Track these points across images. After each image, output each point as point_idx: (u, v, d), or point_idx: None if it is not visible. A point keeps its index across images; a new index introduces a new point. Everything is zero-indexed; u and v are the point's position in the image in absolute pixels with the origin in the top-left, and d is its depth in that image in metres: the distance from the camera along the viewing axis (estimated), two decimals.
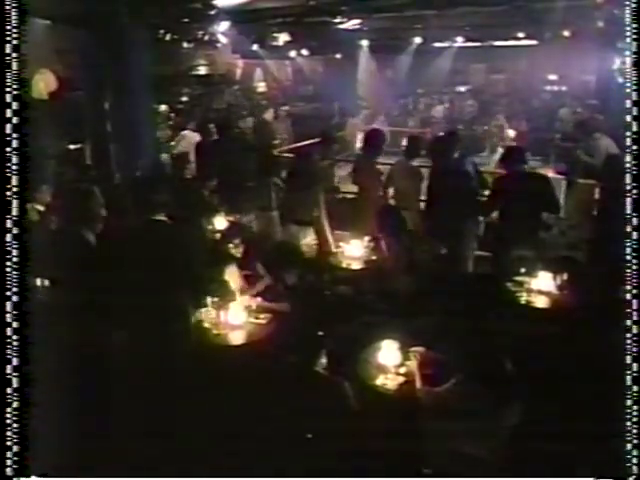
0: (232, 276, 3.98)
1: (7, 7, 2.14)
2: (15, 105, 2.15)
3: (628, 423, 2.17)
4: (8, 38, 2.14)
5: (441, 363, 2.99)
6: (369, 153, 5.65)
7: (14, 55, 2.15)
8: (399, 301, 4.07)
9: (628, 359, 2.20)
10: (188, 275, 3.38)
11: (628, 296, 2.23)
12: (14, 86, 2.16)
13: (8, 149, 2.14)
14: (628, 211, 2.24)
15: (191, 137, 7.65)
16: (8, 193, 2.13)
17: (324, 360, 2.98)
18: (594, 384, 2.72)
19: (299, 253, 4.59)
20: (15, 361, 2.12)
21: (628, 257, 2.24)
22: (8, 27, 2.14)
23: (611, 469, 2.20)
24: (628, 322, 2.22)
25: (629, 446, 2.15)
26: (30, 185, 2.19)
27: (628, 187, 2.24)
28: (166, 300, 3.24)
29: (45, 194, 4.61)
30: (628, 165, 2.24)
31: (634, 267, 2.23)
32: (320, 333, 2.82)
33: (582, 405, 2.68)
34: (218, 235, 4.85)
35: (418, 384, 2.89)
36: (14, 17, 2.14)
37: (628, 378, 2.19)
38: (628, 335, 2.21)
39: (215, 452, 2.85)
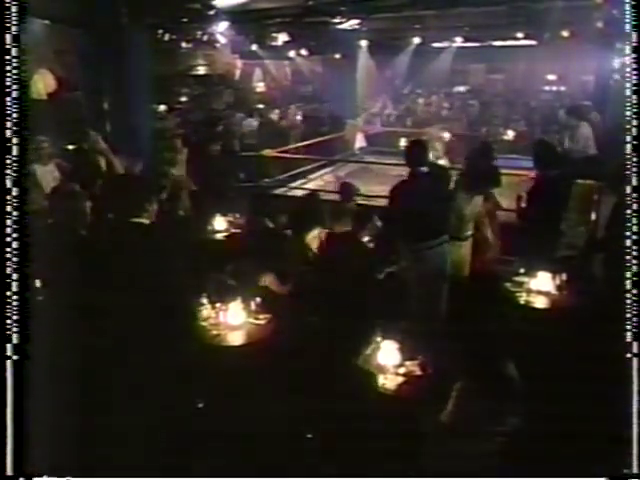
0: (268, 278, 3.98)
1: (7, 7, 2.15)
2: (15, 105, 2.15)
3: (629, 423, 2.17)
4: (8, 38, 2.14)
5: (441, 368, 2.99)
6: None
7: (14, 55, 2.15)
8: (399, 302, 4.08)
9: (628, 358, 2.21)
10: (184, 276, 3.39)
11: (628, 296, 2.23)
12: (13, 86, 2.16)
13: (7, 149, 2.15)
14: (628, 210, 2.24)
15: None
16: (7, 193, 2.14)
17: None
18: (594, 385, 2.72)
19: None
20: (15, 357, 2.13)
21: (628, 256, 2.25)
22: (8, 27, 2.14)
23: (613, 469, 2.20)
24: (628, 321, 2.22)
25: (632, 446, 2.16)
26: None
27: (628, 187, 2.24)
28: (164, 300, 3.24)
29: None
30: (629, 165, 2.25)
31: (634, 266, 2.24)
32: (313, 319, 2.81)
33: (582, 405, 2.68)
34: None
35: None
36: (14, 17, 2.15)
37: (629, 377, 2.19)
38: (628, 335, 2.21)
39: (214, 452, 2.85)
